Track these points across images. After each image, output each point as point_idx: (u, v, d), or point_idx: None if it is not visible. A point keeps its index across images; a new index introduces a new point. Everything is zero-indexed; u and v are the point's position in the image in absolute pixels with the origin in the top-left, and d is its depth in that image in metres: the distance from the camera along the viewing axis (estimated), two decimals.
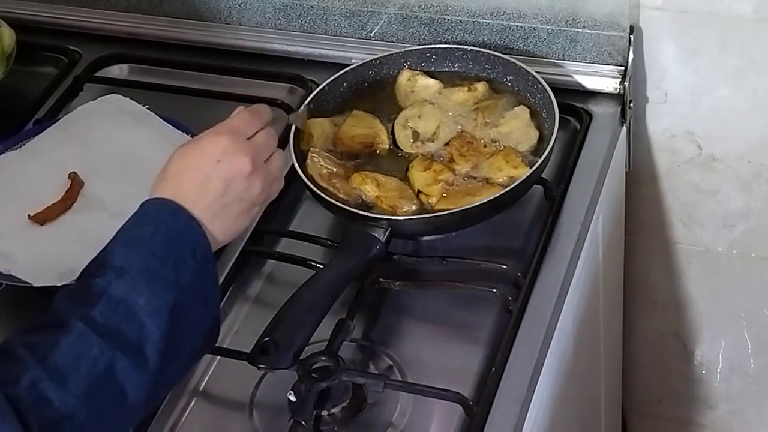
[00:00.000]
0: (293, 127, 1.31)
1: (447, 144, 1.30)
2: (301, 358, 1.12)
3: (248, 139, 1.08)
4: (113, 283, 0.95)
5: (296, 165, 1.27)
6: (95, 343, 0.92)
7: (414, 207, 1.24)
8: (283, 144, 1.39)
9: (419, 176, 1.27)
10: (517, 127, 1.30)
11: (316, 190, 1.24)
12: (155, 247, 0.98)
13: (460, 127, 1.32)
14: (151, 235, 0.99)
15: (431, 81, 1.37)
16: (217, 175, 1.04)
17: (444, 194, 1.24)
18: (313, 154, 1.28)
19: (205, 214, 1.03)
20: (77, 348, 0.91)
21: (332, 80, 1.37)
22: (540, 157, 1.24)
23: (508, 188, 1.21)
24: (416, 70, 1.39)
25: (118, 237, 1.01)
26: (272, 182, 1.10)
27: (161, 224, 1.00)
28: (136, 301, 0.95)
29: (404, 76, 1.38)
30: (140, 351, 0.93)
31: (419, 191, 1.26)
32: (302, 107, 1.32)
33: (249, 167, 1.05)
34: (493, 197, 1.20)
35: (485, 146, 1.29)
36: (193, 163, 1.05)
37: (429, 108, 1.34)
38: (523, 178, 1.22)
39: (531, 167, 1.24)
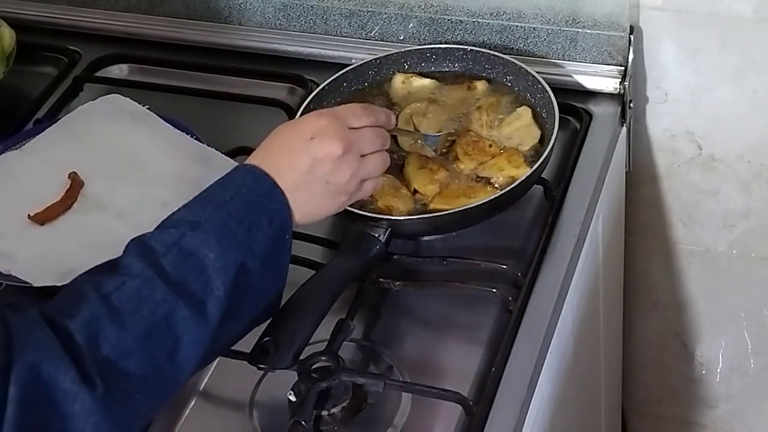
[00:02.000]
0: None
1: (451, 144, 1.30)
2: (301, 358, 1.12)
3: (351, 129, 1.08)
4: (186, 235, 0.96)
5: None
6: (160, 289, 0.93)
7: (410, 206, 1.24)
8: None
9: (415, 174, 1.27)
10: (519, 127, 1.30)
11: None
12: (233, 208, 0.99)
13: (460, 125, 1.32)
14: (232, 196, 1.00)
15: (426, 80, 1.37)
16: (306, 152, 1.05)
17: (439, 193, 1.24)
18: None
19: (290, 186, 1.04)
20: (141, 291, 0.92)
21: (332, 80, 1.37)
22: (540, 157, 1.24)
23: (508, 188, 1.21)
24: (409, 72, 1.39)
25: (198, 196, 1.02)
26: (365, 178, 1.10)
27: (243, 188, 1.02)
28: (207, 255, 0.96)
29: (398, 80, 1.38)
30: (203, 304, 0.94)
31: (415, 190, 1.26)
32: None
33: (339, 151, 1.06)
34: (493, 197, 1.20)
35: (490, 146, 1.29)
36: (287, 137, 1.07)
37: (433, 106, 1.34)
38: (523, 178, 1.22)
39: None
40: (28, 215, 1.29)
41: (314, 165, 1.05)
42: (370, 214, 1.21)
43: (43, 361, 0.85)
